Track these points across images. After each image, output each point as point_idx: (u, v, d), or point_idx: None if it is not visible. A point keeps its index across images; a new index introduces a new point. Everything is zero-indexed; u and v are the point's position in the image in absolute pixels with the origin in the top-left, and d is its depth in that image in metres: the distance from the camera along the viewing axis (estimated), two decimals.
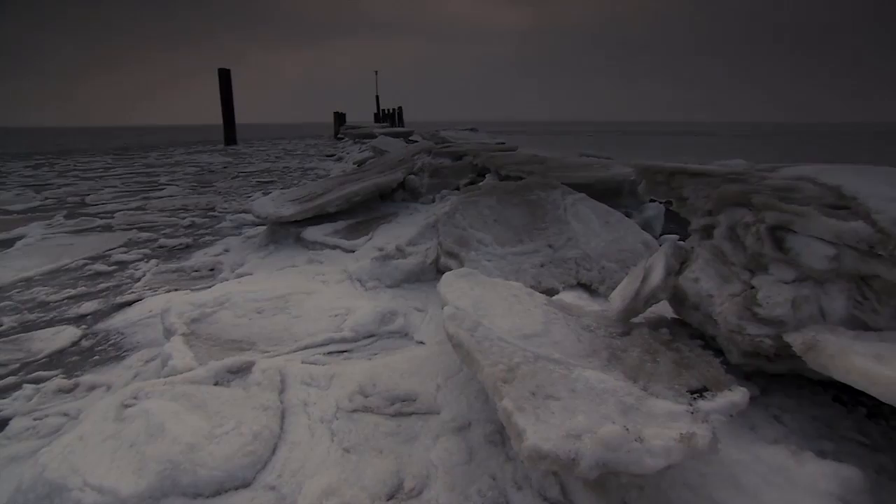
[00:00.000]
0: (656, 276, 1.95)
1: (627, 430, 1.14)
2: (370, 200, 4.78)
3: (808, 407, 1.69)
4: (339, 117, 32.57)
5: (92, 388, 2.25)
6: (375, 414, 1.66)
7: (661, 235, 4.13)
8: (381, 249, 3.49)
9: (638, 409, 1.32)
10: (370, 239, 3.86)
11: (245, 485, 1.40)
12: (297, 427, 1.60)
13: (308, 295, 2.62)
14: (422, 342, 2.30)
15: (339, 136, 27.09)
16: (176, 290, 3.51)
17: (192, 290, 3.44)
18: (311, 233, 3.99)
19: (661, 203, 4.52)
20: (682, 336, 1.89)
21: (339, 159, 13.98)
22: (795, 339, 1.49)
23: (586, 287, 2.75)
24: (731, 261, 1.79)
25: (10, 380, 2.36)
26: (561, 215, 3.18)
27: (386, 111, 39.70)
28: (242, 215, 6.18)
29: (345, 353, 2.16)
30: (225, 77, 23.67)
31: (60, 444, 1.42)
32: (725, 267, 1.80)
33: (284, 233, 4.24)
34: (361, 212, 4.65)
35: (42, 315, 3.18)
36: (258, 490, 1.38)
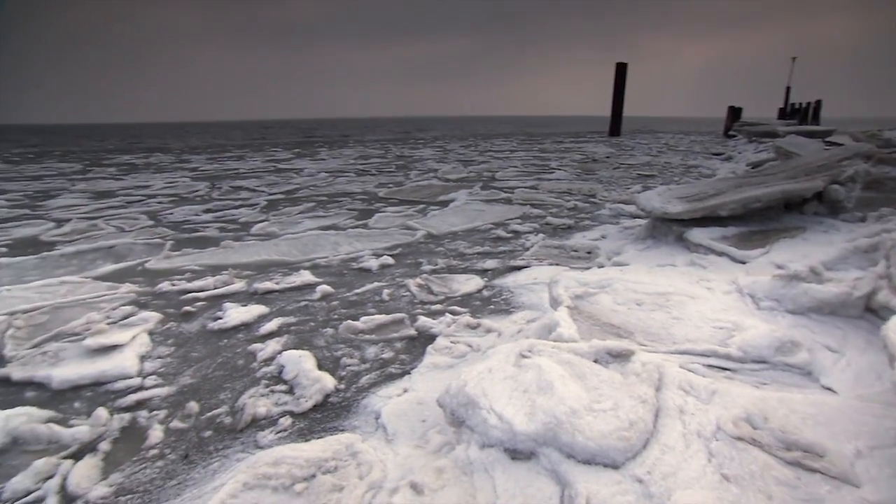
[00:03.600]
0: None
1: None
2: (771, 209, 4.13)
3: None
4: (734, 112, 29.15)
5: (489, 330, 2.71)
6: (766, 452, 1.45)
7: None
8: (780, 267, 2.99)
9: None
10: (766, 252, 3.35)
11: (613, 466, 1.43)
12: (670, 431, 1.54)
13: (691, 298, 2.47)
14: (830, 389, 1.87)
15: (729, 132, 24.42)
16: (557, 264, 3.87)
17: (570, 267, 3.73)
18: (697, 234, 3.73)
19: None
20: None
21: (729, 158, 12.61)
22: None
23: None
24: None
25: (437, 307, 3.07)
26: None
27: (796, 106, 33.44)
28: (621, 205, 6.30)
29: (727, 372, 1.95)
30: (621, 71, 24.32)
31: (475, 369, 1.75)
32: None
33: (665, 229, 4.11)
34: (757, 220, 4.07)
35: (460, 263, 4.01)
36: (625, 477, 1.39)
